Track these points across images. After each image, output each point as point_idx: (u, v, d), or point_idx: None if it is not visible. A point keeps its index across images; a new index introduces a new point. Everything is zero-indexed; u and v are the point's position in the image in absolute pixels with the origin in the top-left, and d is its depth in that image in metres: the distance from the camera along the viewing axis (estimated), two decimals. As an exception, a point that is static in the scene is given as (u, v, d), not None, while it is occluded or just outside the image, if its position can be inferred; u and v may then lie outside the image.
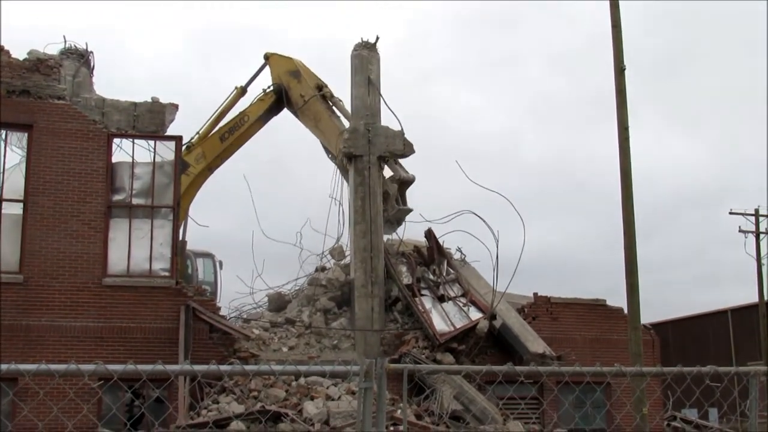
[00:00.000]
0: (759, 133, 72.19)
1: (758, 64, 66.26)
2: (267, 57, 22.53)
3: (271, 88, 22.19)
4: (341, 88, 21.63)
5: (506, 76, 78.76)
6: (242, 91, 22.68)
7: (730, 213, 36.84)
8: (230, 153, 22.48)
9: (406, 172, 20.90)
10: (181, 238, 22.86)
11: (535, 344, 18.62)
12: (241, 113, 22.32)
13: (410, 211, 21.06)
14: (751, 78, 74.50)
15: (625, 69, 15.62)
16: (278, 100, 22.15)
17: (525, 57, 78.71)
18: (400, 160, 21.00)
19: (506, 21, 79.18)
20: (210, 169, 22.28)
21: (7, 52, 17.49)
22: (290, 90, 21.77)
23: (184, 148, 21.85)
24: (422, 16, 76.08)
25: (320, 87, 21.57)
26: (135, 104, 18.33)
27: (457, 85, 76.16)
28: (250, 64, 73.40)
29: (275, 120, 22.77)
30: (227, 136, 22.08)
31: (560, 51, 76.00)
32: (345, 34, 70.71)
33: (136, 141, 18.09)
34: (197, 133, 22.45)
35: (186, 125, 19.15)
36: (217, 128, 22.41)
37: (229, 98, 22.68)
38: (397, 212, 20.69)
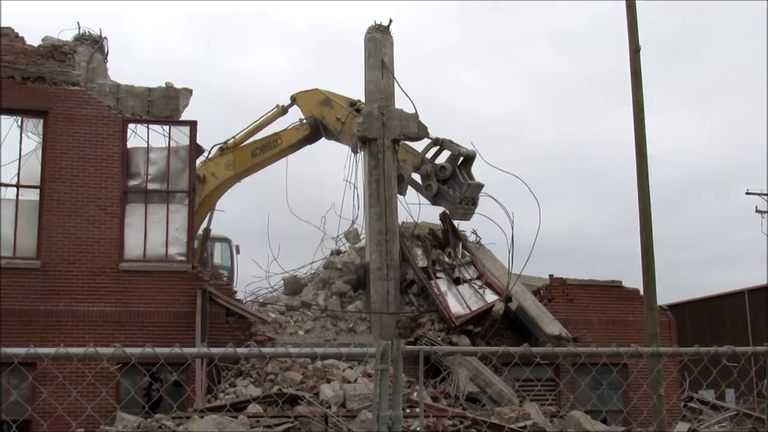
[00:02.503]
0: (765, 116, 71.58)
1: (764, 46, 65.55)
2: (293, 98, 22.37)
3: (306, 121, 22.06)
4: (350, 70, 21.54)
5: (510, 58, 78.31)
6: (282, 111, 22.58)
7: (747, 193, 36.68)
8: (259, 168, 22.76)
9: (464, 147, 20.53)
10: (205, 226, 23.18)
11: (551, 326, 18.60)
12: (275, 135, 22.38)
13: (482, 186, 20.41)
14: (757, 62, 73.79)
15: (640, 49, 15.49)
16: (314, 131, 22.00)
17: (529, 39, 78.21)
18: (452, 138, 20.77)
19: (507, 4, 78.65)
20: (238, 176, 22.51)
21: (22, 38, 17.55)
22: (325, 119, 21.54)
23: (217, 148, 22.29)
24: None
25: (353, 103, 21.44)
26: (149, 90, 18.36)
27: (462, 68, 75.80)
28: (254, 47, 73.54)
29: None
30: (258, 153, 22.23)
31: (565, 33, 75.41)
32: (348, 15, 70.69)
33: (150, 126, 18.15)
34: (233, 137, 22.70)
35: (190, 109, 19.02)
36: (251, 140, 22.60)
37: (269, 114, 22.69)
38: (468, 188, 20.11)
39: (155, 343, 5.30)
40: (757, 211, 36.47)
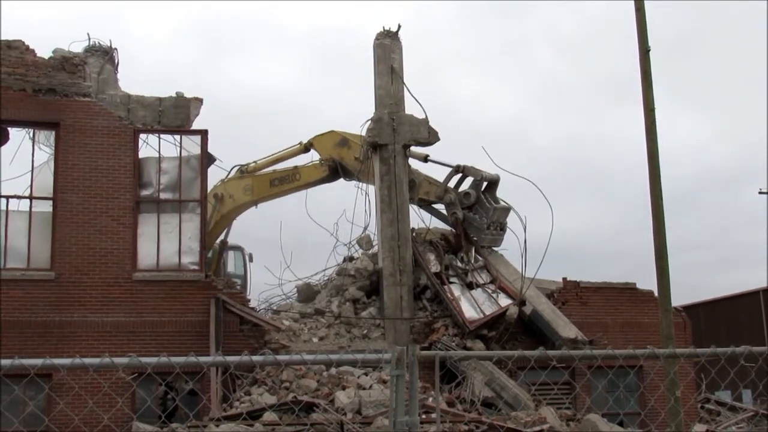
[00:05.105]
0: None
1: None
2: (310, 143, 22.50)
3: (324, 163, 22.12)
4: (352, 73, 21.61)
5: (511, 60, 78.14)
6: (304, 149, 22.71)
7: (760, 193, 36.55)
8: (276, 197, 22.97)
9: (487, 172, 20.59)
10: (222, 238, 23.35)
11: (567, 329, 18.53)
12: (294, 168, 22.57)
13: (509, 209, 20.46)
14: (759, 60, 73.33)
15: (650, 50, 15.44)
16: (332, 173, 22.02)
17: (529, 43, 78.06)
18: (474, 165, 20.79)
19: (508, 7, 78.41)
20: (255, 202, 22.67)
21: (33, 51, 17.63)
22: (344, 159, 21.59)
23: (236, 170, 22.51)
24: (422, 3, 75.61)
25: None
26: (160, 99, 18.40)
27: (464, 73, 75.72)
28: (255, 54, 73.59)
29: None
30: (277, 184, 22.44)
31: (565, 35, 75.26)
32: (350, 21, 70.76)
33: (162, 136, 18.18)
34: (254, 162, 22.99)
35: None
36: (271, 169, 22.83)
37: (291, 149, 22.89)
38: (494, 212, 20.18)
39: (170, 353, 5.29)
40: (770, 210, 36.35)
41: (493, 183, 20.52)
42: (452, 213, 20.63)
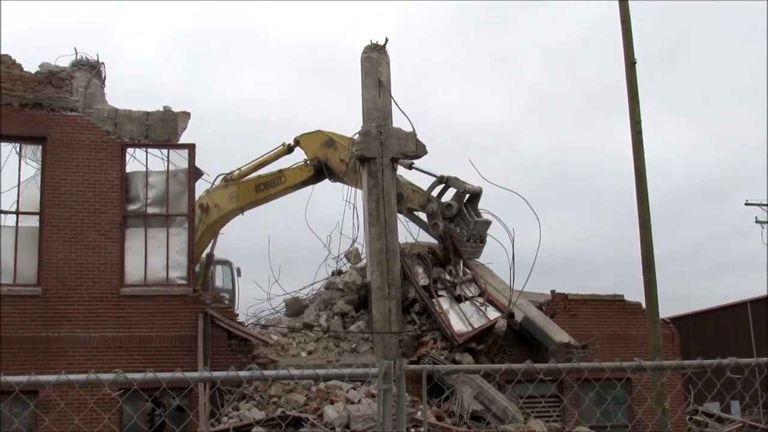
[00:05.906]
0: (759, 124, 71.64)
1: (756, 53, 65.63)
2: (296, 141, 22.58)
3: (309, 163, 22.17)
4: (338, 87, 21.65)
5: (499, 73, 78.45)
6: (288, 149, 22.78)
7: (746, 204, 36.71)
8: (263, 203, 22.99)
9: (470, 184, 20.73)
10: (208, 251, 23.28)
11: (560, 334, 18.51)
12: (279, 172, 22.56)
13: (489, 223, 20.65)
14: (744, 69, 73.81)
15: (636, 63, 15.53)
16: (318, 173, 22.10)
17: (517, 54, 78.41)
18: (458, 176, 20.88)
19: (494, 18, 78.88)
20: (241, 209, 22.66)
21: (20, 65, 17.59)
22: (330, 160, 21.66)
23: (221, 179, 22.52)
24: (411, 14, 75.80)
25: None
26: (147, 114, 18.38)
27: (453, 80, 75.95)
28: (242, 67, 73.64)
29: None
30: (262, 189, 22.45)
31: (553, 47, 75.59)
32: (334, 32, 70.97)
33: (149, 150, 18.16)
34: (239, 169, 23.01)
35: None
36: (256, 174, 22.87)
37: (275, 151, 22.98)
38: (475, 226, 20.35)
39: (157, 368, 5.27)
40: (757, 221, 36.50)
41: (476, 195, 20.65)
42: (433, 224, 20.71)
